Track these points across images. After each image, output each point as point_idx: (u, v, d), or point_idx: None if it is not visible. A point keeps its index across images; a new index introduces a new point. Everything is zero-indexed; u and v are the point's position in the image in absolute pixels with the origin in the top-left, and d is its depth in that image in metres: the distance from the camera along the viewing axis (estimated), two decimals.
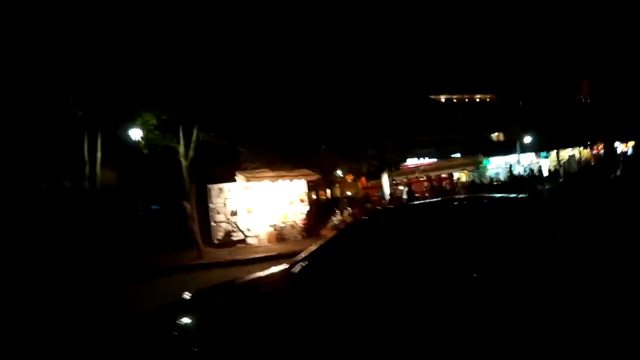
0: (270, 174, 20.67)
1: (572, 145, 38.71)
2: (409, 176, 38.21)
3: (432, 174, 39.96)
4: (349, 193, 34.32)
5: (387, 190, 25.49)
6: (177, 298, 4.03)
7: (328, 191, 35.33)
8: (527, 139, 36.68)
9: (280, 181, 20.48)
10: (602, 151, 37.25)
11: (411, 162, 41.33)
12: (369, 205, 24.54)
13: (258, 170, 21.00)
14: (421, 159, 41.59)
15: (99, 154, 19.02)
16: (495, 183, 33.60)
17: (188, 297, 4.04)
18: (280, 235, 19.69)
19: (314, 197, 31.94)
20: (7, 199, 19.02)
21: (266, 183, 20.24)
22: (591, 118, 33.94)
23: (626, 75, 30.71)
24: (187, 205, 17.68)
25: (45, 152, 19.47)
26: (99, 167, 19.15)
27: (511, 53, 37.51)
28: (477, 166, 38.17)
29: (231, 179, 20.39)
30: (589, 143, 38.01)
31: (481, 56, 40.65)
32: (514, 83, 39.30)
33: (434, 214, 4.39)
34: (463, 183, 39.11)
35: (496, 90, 44.12)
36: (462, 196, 6.13)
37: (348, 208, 23.27)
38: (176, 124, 18.81)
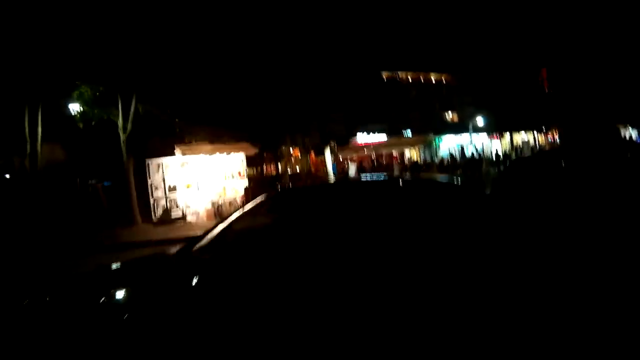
0: (208, 147, 20.05)
1: (527, 129, 38.55)
2: (359, 152, 37.24)
3: (383, 151, 39.15)
4: (295, 169, 33.11)
5: (330, 166, 24.43)
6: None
7: (278, 166, 33.98)
8: (480, 120, 36.19)
9: (217, 154, 19.49)
10: (557, 138, 37.30)
11: (362, 138, 40.26)
12: (308, 181, 23.37)
13: (195, 144, 20.03)
14: (372, 134, 40.52)
15: (39, 129, 18.38)
16: (445, 164, 33.02)
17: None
18: (218, 213, 18.78)
19: (259, 172, 30.67)
20: None
21: (203, 157, 19.53)
22: (548, 104, 33.78)
23: (585, 62, 30.55)
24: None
25: None
26: (39, 143, 18.54)
27: (471, 33, 37.01)
28: (429, 145, 37.52)
29: (171, 153, 19.75)
30: (543, 128, 37.87)
31: (440, 34, 39.97)
32: (471, 64, 38.83)
33: (328, 196, 4.21)
34: (414, 161, 38.59)
35: (453, 70, 43.45)
36: (380, 176, 5.47)
37: (289, 184, 21.96)
38: (115, 96, 18.22)
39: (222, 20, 20.77)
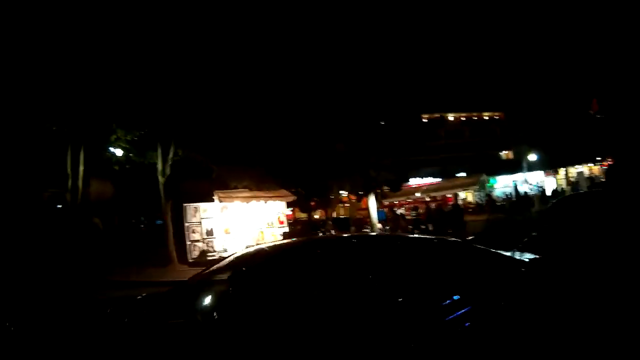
0: (245, 194, 20.15)
1: (581, 162, 37.19)
2: (409, 197, 37.09)
3: (437, 194, 38.73)
4: (338, 214, 33.32)
5: (374, 212, 24.38)
6: None
7: (326, 211, 34.27)
8: (534, 157, 35.33)
9: (254, 202, 19.65)
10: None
11: (414, 182, 40.19)
12: (352, 228, 23.54)
13: (233, 190, 20.42)
14: (424, 178, 40.38)
15: (80, 167, 19.32)
16: (498, 203, 32.26)
17: None
18: None
19: (305, 217, 31.07)
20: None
21: (239, 204, 19.75)
22: (600, 134, 32.60)
23: (635, 90, 29.48)
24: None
25: (43, 164, 20.21)
26: (80, 180, 19.41)
27: (520, 71, 36.63)
28: (482, 185, 36.83)
29: (209, 198, 19.88)
30: (598, 159, 36.43)
31: (490, 74, 39.79)
32: (522, 100, 38.27)
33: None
34: (469, 203, 37.93)
35: (504, 108, 42.92)
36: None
37: (332, 231, 22.26)
38: (153, 140, 18.69)
39: (266, 64, 21.05)
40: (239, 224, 19.64)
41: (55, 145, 19.38)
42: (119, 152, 19.35)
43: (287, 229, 20.44)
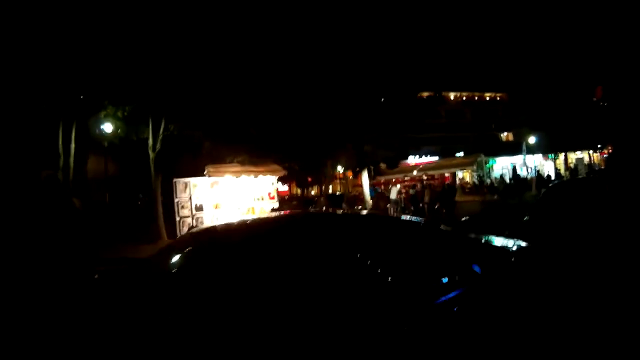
0: (236, 168, 20.06)
1: (582, 148, 36.87)
2: (407, 175, 36.90)
3: (435, 173, 38.56)
4: (334, 190, 33.24)
5: (366, 189, 24.27)
6: None
7: (322, 188, 34.20)
8: (533, 140, 34.91)
9: (244, 176, 19.56)
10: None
11: (413, 160, 39.99)
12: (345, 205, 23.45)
13: (224, 165, 20.39)
14: (424, 157, 40.18)
15: (72, 145, 19.09)
16: (495, 185, 32.02)
17: None
18: None
19: (299, 193, 31.02)
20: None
21: (229, 178, 19.51)
22: (603, 122, 32.25)
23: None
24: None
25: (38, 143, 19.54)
26: (72, 158, 19.23)
27: (525, 51, 36.12)
28: (480, 165, 36.58)
29: (200, 173, 19.80)
30: (599, 147, 36.08)
31: (495, 54, 39.29)
32: (526, 82, 37.82)
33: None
34: (466, 183, 37.72)
35: (508, 89, 42.44)
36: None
37: (324, 207, 22.19)
38: (145, 115, 18.61)
39: (258, 38, 20.88)
40: (229, 199, 19.50)
41: (48, 123, 19.09)
42: (108, 128, 19.33)
43: (276, 204, 20.25)
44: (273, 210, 19.64)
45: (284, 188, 39.39)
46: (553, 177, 32.95)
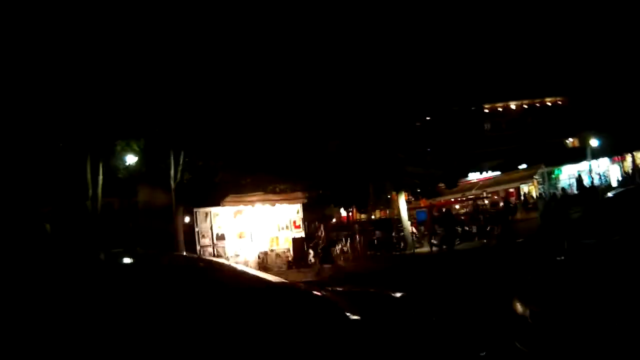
0: (256, 198, 19.57)
1: None
2: (465, 193, 35.53)
3: (495, 189, 36.83)
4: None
5: (404, 212, 23.26)
6: None
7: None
8: (595, 143, 32.33)
9: (268, 205, 19.33)
10: None
11: (474, 177, 38.56)
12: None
13: (246, 195, 19.92)
14: (484, 173, 38.65)
15: (100, 177, 19.78)
16: (559, 197, 30.01)
17: None
18: (263, 264, 18.16)
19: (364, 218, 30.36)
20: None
21: (252, 208, 19.21)
22: None
23: None
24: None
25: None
26: (100, 189, 19.92)
27: (583, 52, 34.37)
28: (543, 177, 34.58)
29: (220, 202, 19.64)
30: None
31: (551, 57, 37.67)
32: (586, 83, 35.77)
33: None
34: (531, 198, 35.90)
35: (567, 92, 40.30)
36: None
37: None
38: (166, 148, 19.08)
39: (286, 66, 20.85)
40: (253, 228, 19.08)
41: (70, 158, 19.95)
42: (131, 160, 20.09)
43: (302, 234, 19.81)
44: (294, 241, 19.34)
45: (343, 213, 39.02)
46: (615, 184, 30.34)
